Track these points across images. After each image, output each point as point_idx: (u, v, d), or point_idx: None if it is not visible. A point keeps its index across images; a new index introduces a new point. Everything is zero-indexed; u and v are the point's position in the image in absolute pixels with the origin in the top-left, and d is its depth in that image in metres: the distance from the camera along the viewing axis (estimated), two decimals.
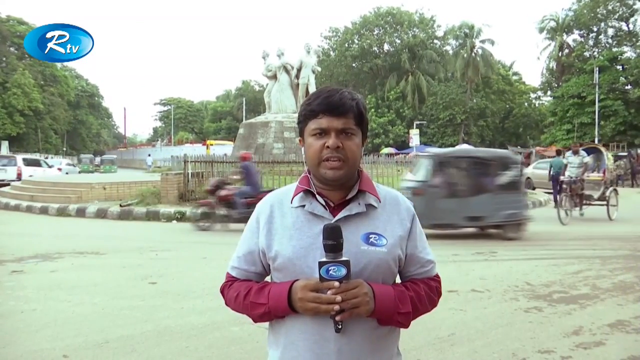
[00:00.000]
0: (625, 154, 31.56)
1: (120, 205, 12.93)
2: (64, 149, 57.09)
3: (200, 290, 5.69)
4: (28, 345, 4.11)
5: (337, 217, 1.34)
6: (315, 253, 1.29)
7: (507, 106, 49.70)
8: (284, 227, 1.37)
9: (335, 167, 1.32)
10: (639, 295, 5.64)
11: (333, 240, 1.24)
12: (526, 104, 51.91)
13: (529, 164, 29.73)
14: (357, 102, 1.36)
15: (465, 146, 36.21)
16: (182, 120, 73.92)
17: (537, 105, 53.12)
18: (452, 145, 40.88)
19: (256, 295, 1.36)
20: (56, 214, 13.10)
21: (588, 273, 6.68)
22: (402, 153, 33.45)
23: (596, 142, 32.83)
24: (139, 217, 12.21)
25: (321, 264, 1.23)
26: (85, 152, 60.42)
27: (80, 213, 12.89)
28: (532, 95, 53.78)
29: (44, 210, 13.37)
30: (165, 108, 75.11)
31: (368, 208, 1.37)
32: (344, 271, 1.22)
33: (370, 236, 1.34)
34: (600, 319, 4.75)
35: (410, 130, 36.05)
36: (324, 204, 1.36)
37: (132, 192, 14.79)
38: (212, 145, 42.72)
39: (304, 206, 1.37)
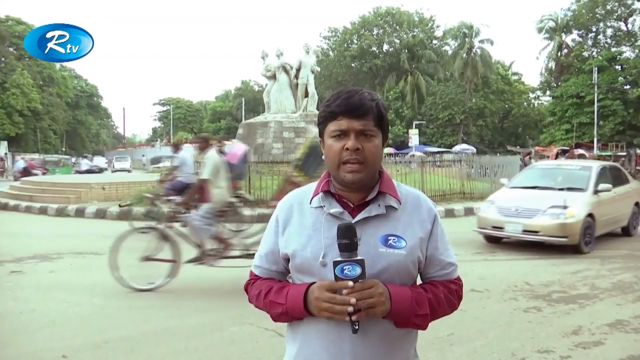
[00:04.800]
0: (625, 153, 31.62)
1: (120, 206, 12.89)
2: (63, 149, 57.02)
3: (200, 291, 5.69)
4: (27, 345, 4.11)
5: (356, 219, 1.33)
6: (334, 254, 1.27)
7: (506, 106, 49.73)
8: (303, 227, 1.38)
9: (355, 170, 1.31)
10: (638, 295, 5.64)
11: (347, 239, 1.23)
12: (525, 103, 51.93)
13: (525, 165, 29.91)
14: (377, 103, 1.35)
15: (464, 146, 36.35)
16: (181, 121, 73.80)
17: (536, 105, 53.15)
18: (451, 146, 40.92)
19: (275, 295, 1.37)
20: (55, 214, 13.06)
21: (587, 273, 6.69)
22: (401, 153, 33.44)
23: (595, 142, 32.87)
24: (139, 217, 12.15)
25: (336, 263, 1.23)
26: (85, 152, 60.50)
27: (80, 213, 12.86)
28: (531, 95, 53.81)
29: (43, 211, 13.34)
30: (165, 108, 74.98)
31: (388, 210, 1.36)
32: (358, 270, 1.22)
33: (389, 238, 1.33)
34: (600, 319, 4.76)
35: (410, 130, 36.10)
36: (342, 205, 1.36)
37: (132, 192, 14.77)
38: None
39: (323, 207, 1.37)
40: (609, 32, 43.21)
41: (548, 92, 47.52)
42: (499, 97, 48.72)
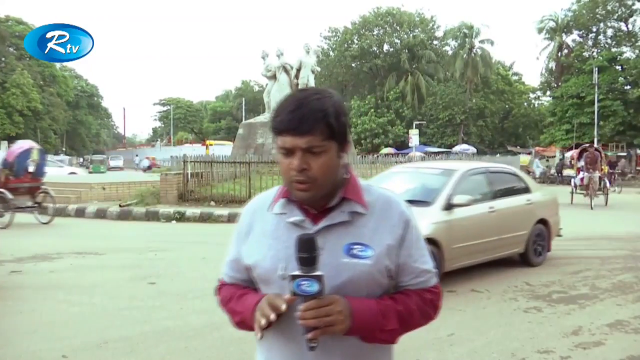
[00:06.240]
0: (625, 154, 31.61)
1: (120, 206, 12.92)
2: (64, 149, 57.04)
3: (199, 291, 5.68)
4: (27, 345, 4.11)
5: (317, 227, 1.25)
6: (294, 266, 1.18)
7: (507, 106, 49.67)
8: (264, 235, 1.32)
9: (303, 189, 1.23)
10: (638, 295, 5.64)
11: (306, 253, 1.15)
12: (525, 104, 51.89)
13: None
14: (326, 114, 1.21)
15: (464, 146, 36.31)
16: (182, 121, 73.80)
17: (536, 105, 53.09)
18: (452, 146, 40.91)
19: (235, 303, 1.35)
20: (55, 214, 13.05)
21: (587, 273, 6.68)
22: (401, 153, 33.44)
23: (595, 142, 32.99)
24: (139, 217, 12.20)
25: (293, 278, 1.15)
26: (90, 152, 60.72)
27: (80, 213, 12.86)
28: (532, 96, 53.76)
29: (43, 211, 13.32)
30: (165, 108, 74.92)
31: (353, 216, 1.27)
32: (316, 286, 1.14)
33: (354, 247, 1.25)
34: (600, 319, 4.76)
35: (410, 131, 36.00)
36: (304, 212, 1.29)
37: (132, 192, 14.79)
38: (211, 145, 42.70)
39: (284, 214, 1.30)
40: (610, 32, 43.14)
41: (548, 93, 47.43)
42: (499, 97, 48.67)
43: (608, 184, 16.47)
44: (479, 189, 6.58)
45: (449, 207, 5.94)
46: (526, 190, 7.24)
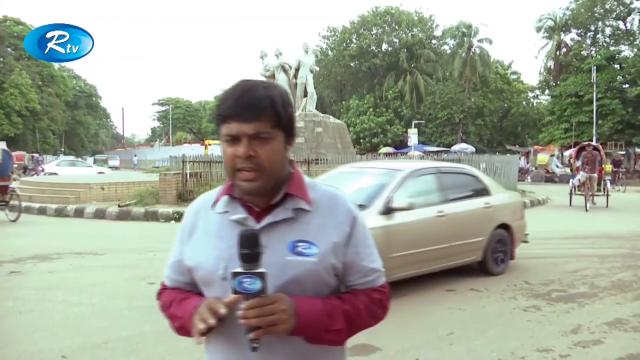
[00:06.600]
0: (624, 152, 31.64)
1: (119, 206, 12.90)
2: (62, 149, 56.98)
3: None
4: (26, 345, 4.10)
5: (261, 224, 1.22)
6: (236, 265, 1.13)
7: (505, 105, 49.73)
8: (207, 235, 1.28)
9: (250, 178, 1.18)
10: (637, 294, 5.66)
11: (248, 249, 1.11)
12: (524, 103, 51.94)
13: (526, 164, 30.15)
14: (274, 101, 1.19)
15: (463, 145, 36.33)
16: (181, 121, 73.81)
17: (535, 104, 53.14)
18: (450, 145, 40.93)
19: (176, 307, 1.30)
20: (54, 214, 13.06)
21: (586, 272, 6.69)
22: (400, 152, 33.48)
23: (594, 141, 33.10)
24: (138, 217, 12.19)
25: (234, 275, 1.10)
26: (89, 152, 60.76)
27: (79, 213, 12.85)
28: (530, 94, 53.81)
29: (42, 211, 13.32)
30: (164, 108, 74.92)
31: (298, 213, 1.24)
32: (259, 284, 1.09)
33: (298, 245, 1.21)
34: (599, 318, 4.77)
35: (409, 130, 36.04)
36: (248, 210, 1.25)
37: (131, 192, 14.77)
38: (210, 145, 42.64)
39: (228, 212, 1.26)
40: (608, 31, 43.21)
41: (547, 91, 47.51)
42: (498, 96, 48.71)
43: (609, 185, 15.75)
44: (427, 191, 5.99)
45: (387, 211, 5.30)
46: (485, 192, 6.61)
